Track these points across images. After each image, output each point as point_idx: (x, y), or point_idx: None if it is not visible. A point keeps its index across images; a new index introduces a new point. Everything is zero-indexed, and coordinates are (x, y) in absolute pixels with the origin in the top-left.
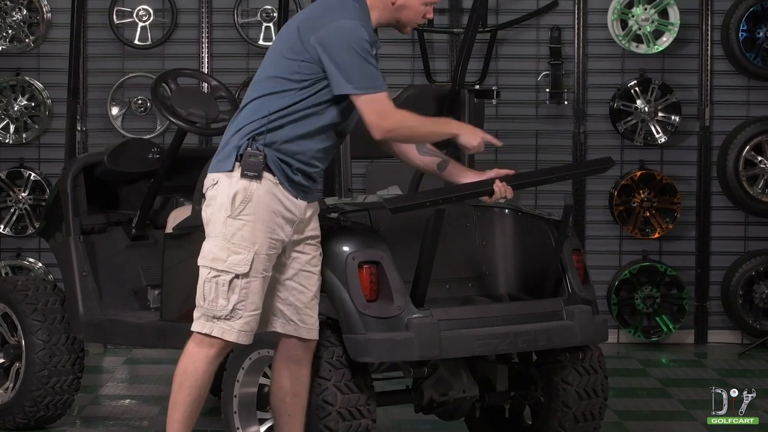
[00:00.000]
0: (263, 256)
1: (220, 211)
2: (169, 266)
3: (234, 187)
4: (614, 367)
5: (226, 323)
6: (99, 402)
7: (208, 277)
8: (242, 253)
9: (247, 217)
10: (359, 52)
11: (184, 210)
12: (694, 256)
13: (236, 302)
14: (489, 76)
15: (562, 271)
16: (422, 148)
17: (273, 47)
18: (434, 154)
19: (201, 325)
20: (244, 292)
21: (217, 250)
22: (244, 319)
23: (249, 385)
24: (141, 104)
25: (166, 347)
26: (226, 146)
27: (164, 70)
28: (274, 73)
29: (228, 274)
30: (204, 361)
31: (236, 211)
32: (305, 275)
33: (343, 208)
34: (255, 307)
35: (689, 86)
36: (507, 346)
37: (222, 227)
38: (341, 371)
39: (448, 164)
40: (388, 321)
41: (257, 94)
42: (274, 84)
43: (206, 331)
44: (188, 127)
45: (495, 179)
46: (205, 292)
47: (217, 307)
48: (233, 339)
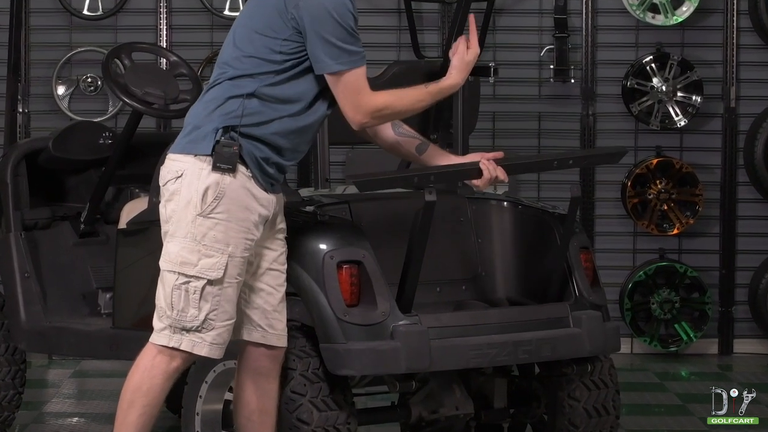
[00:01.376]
0: (238, 259)
1: (187, 209)
2: (123, 266)
3: (204, 181)
4: (627, 381)
5: (197, 335)
6: (43, 420)
7: (177, 283)
8: (215, 256)
9: (220, 216)
10: (346, 29)
11: (140, 203)
12: (718, 255)
13: (208, 311)
14: (485, 50)
15: (568, 271)
16: (398, 128)
17: (244, 22)
18: (412, 135)
19: (167, 338)
20: (217, 300)
21: (186, 253)
22: (216, 330)
23: (213, 401)
24: (91, 83)
25: (119, 358)
26: (200, 127)
27: (117, 43)
28: (250, 52)
29: (199, 280)
30: (162, 376)
31: (207, 209)
32: (273, 274)
33: (319, 200)
34: (228, 317)
35: (712, 62)
36: (506, 357)
37: (191, 227)
38: (318, 386)
39: (428, 147)
40: (370, 329)
41: (234, 73)
42: (251, 65)
43: (173, 344)
44: (144, 109)
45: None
46: (173, 301)
47: (187, 317)
48: (204, 353)
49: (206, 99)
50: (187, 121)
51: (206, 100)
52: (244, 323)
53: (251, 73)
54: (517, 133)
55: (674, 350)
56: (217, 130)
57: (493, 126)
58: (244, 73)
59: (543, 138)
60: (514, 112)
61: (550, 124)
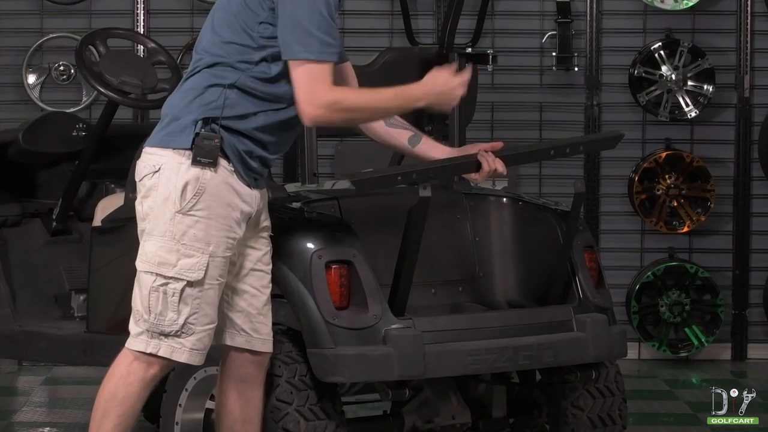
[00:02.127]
0: (219, 259)
1: (165, 205)
2: (98, 266)
3: (183, 176)
4: (635, 389)
5: (176, 340)
6: (12, 430)
7: (154, 285)
8: (195, 256)
9: (201, 213)
10: (323, 15)
11: (116, 199)
12: (731, 255)
13: (188, 315)
14: (483, 36)
15: (571, 272)
16: (389, 119)
17: (223, 5)
18: (404, 127)
19: (144, 344)
20: (198, 302)
21: (164, 253)
22: (197, 335)
23: (193, 410)
24: (63, 71)
25: (93, 364)
26: (179, 119)
27: (91, 29)
28: (228, 37)
29: (178, 282)
30: (139, 384)
31: (187, 206)
32: (258, 275)
33: (307, 196)
34: (209, 321)
35: (725, 49)
36: (505, 363)
37: (169, 224)
38: (305, 393)
39: (421, 139)
40: (361, 333)
41: (212, 60)
42: (230, 51)
43: (151, 350)
44: (120, 99)
45: (479, 152)
46: (150, 304)
47: (166, 321)
48: (184, 359)
49: (184, 88)
50: (164, 111)
51: (184, 89)
52: (227, 327)
53: (230, 61)
54: (518, 124)
55: (684, 356)
56: (196, 121)
57: (491, 117)
58: (222, 61)
59: (545, 130)
60: (513, 102)
61: (553, 114)
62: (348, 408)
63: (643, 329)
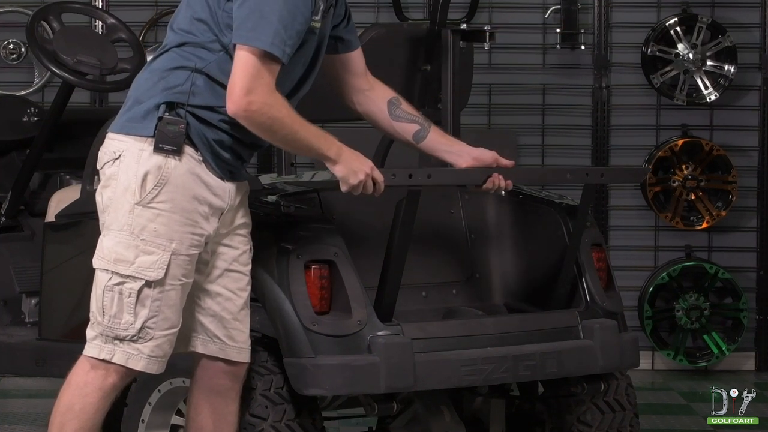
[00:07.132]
0: (183, 257)
1: (124, 196)
2: (51, 267)
3: (144, 164)
4: (648, 402)
5: (132, 346)
6: None
7: (109, 284)
8: (155, 253)
9: (162, 206)
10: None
11: (71, 191)
12: (755, 254)
13: (146, 318)
14: (480, 11)
15: (577, 273)
16: (396, 110)
17: None
18: (410, 120)
19: (97, 349)
20: (157, 304)
21: (121, 249)
22: (155, 340)
23: (158, 426)
24: (13, 50)
25: (46, 375)
26: (142, 102)
27: (44, 3)
28: (200, 14)
29: (136, 281)
30: (97, 394)
31: (147, 197)
32: (234, 276)
33: (284, 189)
34: (170, 325)
35: (748, 25)
36: (504, 374)
37: (127, 218)
38: (281, 408)
39: (428, 133)
40: (344, 340)
41: (181, 39)
42: (200, 30)
43: (105, 356)
44: (77, 81)
45: (491, 171)
46: (104, 305)
47: (121, 324)
48: (140, 367)
49: (151, 68)
50: (129, 94)
51: (151, 69)
52: (198, 333)
53: (200, 41)
54: (518, 109)
55: (703, 366)
56: (159, 105)
57: (488, 101)
58: (192, 40)
59: (548, 115)
60: (513, 84)
61: (557, 98)
62: (329, 424)
63: (657, 336)
